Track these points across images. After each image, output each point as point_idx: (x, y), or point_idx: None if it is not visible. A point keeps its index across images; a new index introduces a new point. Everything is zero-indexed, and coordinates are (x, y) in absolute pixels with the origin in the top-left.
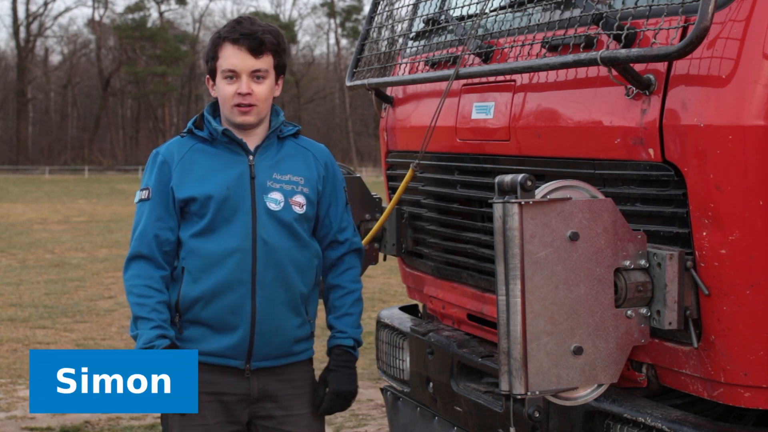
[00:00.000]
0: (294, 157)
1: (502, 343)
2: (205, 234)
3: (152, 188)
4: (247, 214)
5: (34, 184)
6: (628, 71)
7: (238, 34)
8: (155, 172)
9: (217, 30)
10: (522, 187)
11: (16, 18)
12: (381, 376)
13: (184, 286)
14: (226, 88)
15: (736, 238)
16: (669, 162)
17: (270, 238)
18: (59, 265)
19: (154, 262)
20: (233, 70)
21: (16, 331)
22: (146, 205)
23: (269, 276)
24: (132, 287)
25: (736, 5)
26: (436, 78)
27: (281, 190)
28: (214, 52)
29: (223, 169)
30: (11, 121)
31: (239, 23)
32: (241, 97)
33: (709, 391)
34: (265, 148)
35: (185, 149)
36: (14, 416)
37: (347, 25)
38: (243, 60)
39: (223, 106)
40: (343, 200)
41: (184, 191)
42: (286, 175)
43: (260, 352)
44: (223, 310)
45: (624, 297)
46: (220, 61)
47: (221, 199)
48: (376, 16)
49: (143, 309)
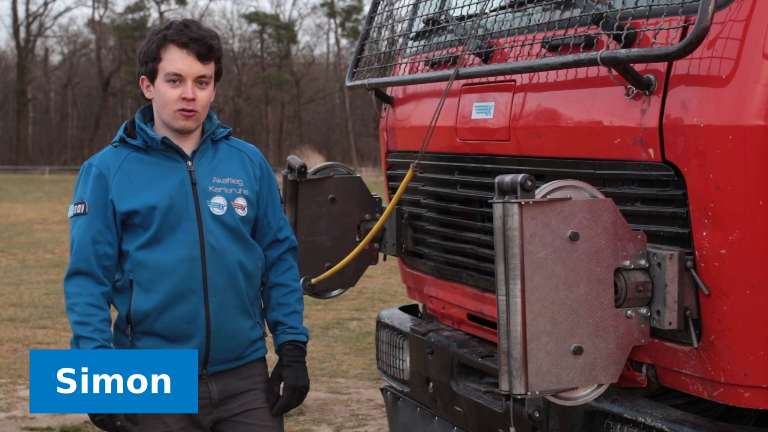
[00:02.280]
0: (230, 159)
1: (502, 343)
2: (152, 245)
3: (88, 202)
4: (193, 221)
5: (34, 184)
6: (628, 71)
7: (187, 38)
8: (90, 184)
9: (158, 30)
10: (522, 187)
11: (16, 18)
12: (381, 376)
13: (135, 298)
14: (169, 91)
15: (736, 238)
16: (669, 162)
17: (217, 243)
18: (59, 265)
19: (94, 277)
20: (179, 74)
21: (16, 331)
22: (83, 220)
23: (220, 281)
24: (73, 305)
25: (736, 5)
26: (436, 78)
27: (223, 193)
28: (156, 53)
29: (163, 178)
30: (11, 121)
31: (187, 27)
32: (185, 102)
33: (709, 391)
34: (202, 152)
35: (120, 159)
36: (14, 416)
37: (347, 25)
38: (190, 65)
39: (163, 109)
40: (278, 199)
41: (125, 204)
42: (225, 179)
43: (216, 357)
44: (178, 319)
45: (624, 297)
46: (164, 64)
47: (165, 208)
48: (376, 16)
49: (86, 329)
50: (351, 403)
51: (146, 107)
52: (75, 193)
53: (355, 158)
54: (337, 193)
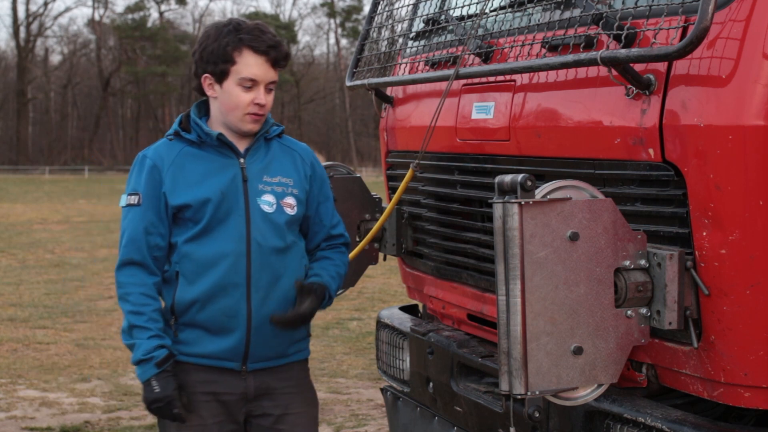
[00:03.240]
0: (282, 158)
1: (502, 343)
2: (199, 238)
3: (142, 193)
4: (241, 217)
5: (34, 184)
6: (628, 71)
7: (265, 45)
8: (144, 176)
9: (226, 29)
10: (522, 187)
11: (16, 18)
12: (381, 376)
13: (180, 289)
14: (242, 95)
15: (736, 238)
16: (669, 162)
17: (264, 240)
18: (59, 265)
19: (146, 268)
20: (254, 80)
21: (16, 331)
22: (136, 211)
23: (264, 279)
24: (126, 294)
25: (736, 5)
26: (436, 78)
27: (273, 192)
28: (230, 55)
29: (215, 173)
30: (11, 121)
31: (262, 32)
32: (257, 107)
33: (709, 391)
34: (255, 150)
35: (174, 153)
36: (14, 416)
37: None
38: (266, 71)
39: (232, 112)
40: (331, 197)
41: (178, 198)
42: (276, 177)
43: (256, 354)
44: (219, 312)
45: (624, 297)
46: (239, 68)
47: (216, 203)
48: (376, 16)
49: (140, 318)
50: (351, 403)
51: (201, 102)
52: (128, 184)
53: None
54: (337, 193)
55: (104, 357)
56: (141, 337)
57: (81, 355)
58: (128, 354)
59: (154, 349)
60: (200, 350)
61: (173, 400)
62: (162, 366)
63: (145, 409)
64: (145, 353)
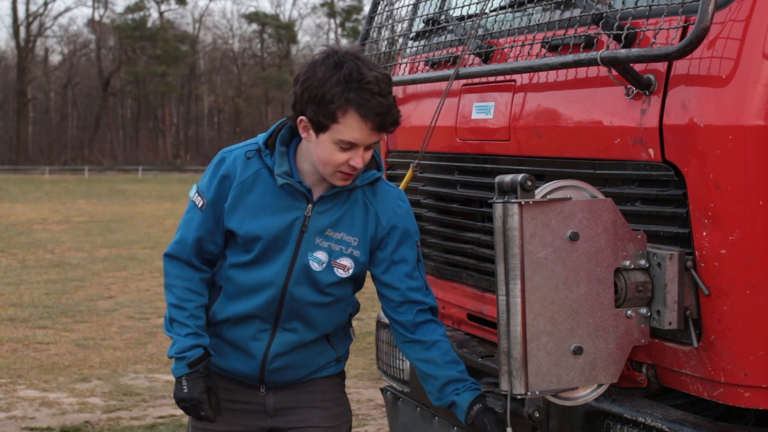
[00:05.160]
0: (355, 213)
1: (502, 343)
2: (245, 267)
3: (208, 201)
4: (284, 266)
5: (34, 184)
6: (628, 71)
7: (373, 114)
8: (216, 183)
9: (340, 81)
10: (522, 187)
11: (16, 18)
12: (381, 376)
13: (218, 303)
14: (337, 154)
15: (736, 238)
16: (669, 162)
17: (300, 295)
18: (59, 265)
19: (194, 266)
20: (354, 144)
21: (16, 331)
22: (197, 214)
23: (291, 326)
24: (171, 286)
25: (736, 5)
26: (436, 78)
27: (328, 249)
28: (333, 113)
29: (277, 212)
30: (11, 121)
31: (373, 94)
32: (351, 168)
33: (709, 391)
34: (330, 200)
35: (249, 173)
36: (14, 416)
37: (347, 25)
38: (368, 136)
39: (324, 166)
40: (413, 259)
41: (232, 222)
42: (339, 234)
43: (272, 382)
44: (245, 337)
45: (624, 297)
46: (340, 127)
47: (267, 243)
48: (376, 16)
49: (181, 313)
50: (351, 403)
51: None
52: (203, 179)
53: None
54: None
55: (104, 357)
56: (179, 333)
57: (81, 355)
58: (128, 354)
59: (189, 348)
60: (221, 363)
61: (199, 403)
62: (194, 367)
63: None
64: (180, 351)
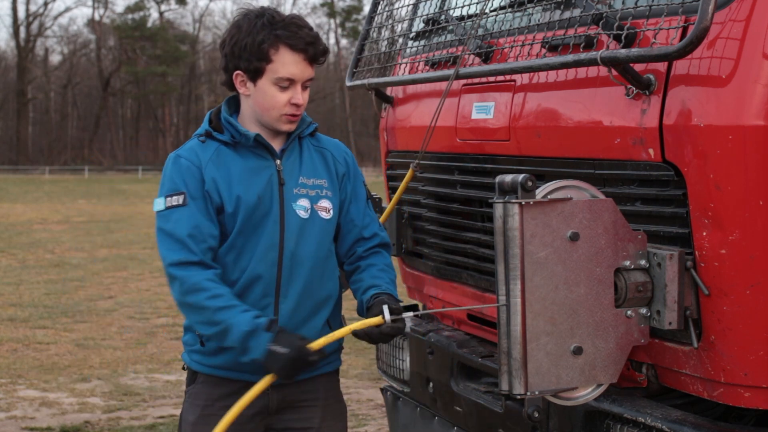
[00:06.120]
0: (314, 158)
1: (502, 343)
2: (232, 250)
3: (188, 192)
4: (275, 224)
5: (34, 184)
6: (628, 71)
7: (303, 43)
8: (185, 175)
9: (260, 23)
10: (522, 187)
11: (16, 18)
12: (381, 376)
13: None
14: (278, 95)
15: (736, 238)
16: (669, 162)
17: (297, 249)
18: (59, 265)
19: (203, 265)
20: (291, 79)
21: (16, 331)
22: (182, 211)
23: (294, 290)
24: (193, 286)
25: (736, 5)
26: (436, 78)
27: (307, 195)
28: (265, 53)
29: (252, 175)
30: (11, 121)
31: (299, 27)
32: (294, 108)
33: (709, 391)
34: (290, 151)
35: (209, 153)
36: (14, 416)
37: (347, 25)
38: (303, 70)
39: (267, 112)
40: (363, 196)
41: (216, 198)
42: (310, 179)
43: None
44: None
45: (624, 297)
46: (275, 66)
47: (252, 206)
48: (376, 16)
49: (220, 300)
50: (351, 403)
51: (231, 98)
52: (163, 186)
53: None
54: None
55: (104, 357)
56: (233, 314)
57: (81, 355)
58: (128, 354)
59: (253, 319)
60: (225, 361)
61: (302, 347)
62: (272, 328)
63: (283, 380)
64: (248, 325)
